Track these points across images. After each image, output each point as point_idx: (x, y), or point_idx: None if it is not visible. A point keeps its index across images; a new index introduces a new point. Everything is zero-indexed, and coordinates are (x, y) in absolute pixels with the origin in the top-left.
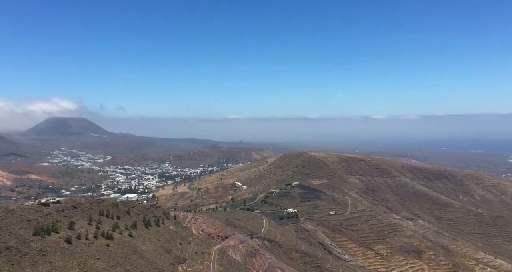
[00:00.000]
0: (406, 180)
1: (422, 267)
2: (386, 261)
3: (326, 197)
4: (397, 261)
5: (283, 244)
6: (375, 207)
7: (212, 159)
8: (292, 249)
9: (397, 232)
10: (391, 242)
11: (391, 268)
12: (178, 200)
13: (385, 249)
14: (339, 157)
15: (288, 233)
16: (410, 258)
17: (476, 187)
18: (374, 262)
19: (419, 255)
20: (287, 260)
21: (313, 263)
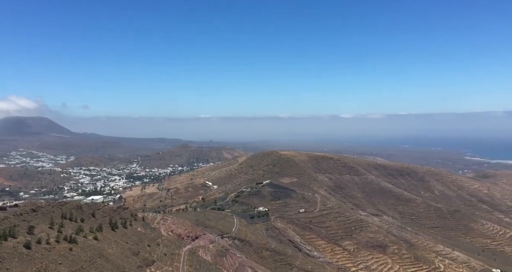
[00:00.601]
0: (372, 177)
1: (386, 261)
2: (353, 257)
3: (296, 195)
4: (363, 256)
5: (253, 243)
6: (343, 204)
7: (182, 159)
8: (263, 247)
9: (363, 228)
10: (358, 238)
11: (357, 263)
12: (147, 201)
13: (352, 244)
14: (309, 156)
15: (259, 231)
16: (376, 253)
17: (436, 183)
18: (341, 258)
19: (383, 250)
20: (258, 259)
21: (283, 261)
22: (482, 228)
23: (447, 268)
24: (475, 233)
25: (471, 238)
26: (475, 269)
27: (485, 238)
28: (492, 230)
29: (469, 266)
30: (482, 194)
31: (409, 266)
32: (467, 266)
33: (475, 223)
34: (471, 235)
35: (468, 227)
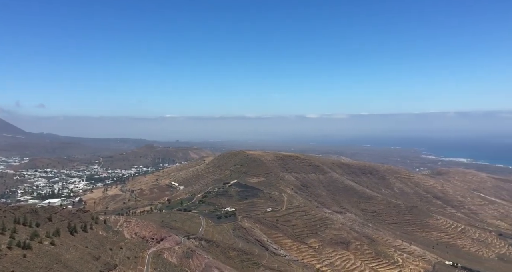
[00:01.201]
0: (336, 176)
1: (349, 257)
2: (318, 254)
3: (263, 195)
4: (327, 253)
5: (220, 243)
6: (308, 203)
7: (147, 160)
8: (230, 247)
9: (328, 225)
10: (323, 235)
11: (322, 260)
12: (109, 203)
13: (317, 242)
14: (276, 155)
15: (226, 232)
16: (339, 249)
17: (395, 181)
18: (307, 256)
19: (347, 246)
20: (225, 259)
21: (250, 260)
22: (436, 223)
23: (405, 262)
24: (430, 228)
25: (426, 233)
26: (430, 261)
27: (439, 232)
28: (445, 225)
29: (424, 259)
30: (437, 191)
31: (370, 261)
32: (423, 259)
33: (430, 218)
34: (426, 229)
35: (424, 222)
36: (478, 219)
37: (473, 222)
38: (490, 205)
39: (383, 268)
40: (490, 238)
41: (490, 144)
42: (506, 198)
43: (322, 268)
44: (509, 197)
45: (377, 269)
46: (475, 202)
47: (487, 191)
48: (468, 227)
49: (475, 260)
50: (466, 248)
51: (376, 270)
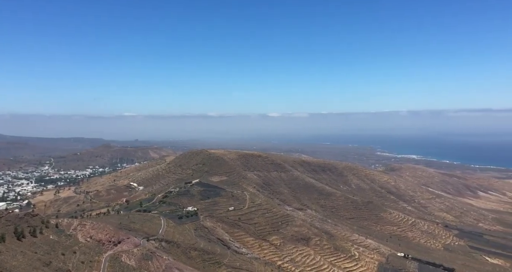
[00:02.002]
0: (297, 173)
1: (309, 253)
2: (279, 251)
3: (226, 194)
4: (288, 250)
5: (181, 243)
6: (270, 201)
7: (103, 160)
8: (191, 247)
9: (289, 222)
10: (284, 232)
11: (283, 256)
12: (61, 206)
13: (279, 239)
14: (238, 154)
15: (187, 232)
16: (300, 246)
17: (353, 177)
18: (268, 253)
19: (307, 242)
20: (186, 260)
21: (211, 260)
22: (390, 217)
23: (361, 255)
24: (384, 222)
25: (381, 226)
26: (384, 254)
27: (392, 225)
28: (398, 218)
29: (379, 252)
30: (390, 186)
31: (329, 256)
32: (377, 252)
33: (384, 213)
34: (381, 223)
35: (379, 217)
36: (426, 212)
37: (422, 215)
38: (437, 199)
39: (341, 261)
40: (437, 229)
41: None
42: (451, 192)
43: (283, 265)
44: (454, 191)
45: (335, 263)
46: (424, 196)
47: (434, 185)
48: (418, 220)
49: (424, 251)
50: (416, 240)
51: (334, 264)
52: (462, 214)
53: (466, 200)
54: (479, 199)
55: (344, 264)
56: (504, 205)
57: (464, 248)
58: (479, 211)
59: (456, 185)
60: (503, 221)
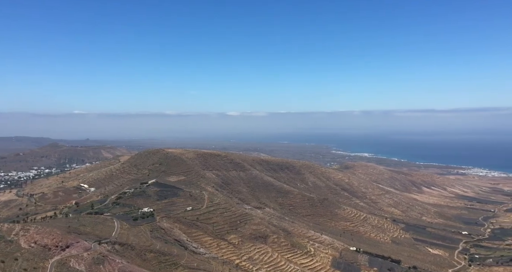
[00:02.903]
0: (256, 172)
1: (267, 250)
2: (237, 249)
3: (184, 194)
4: (246, 248)
5: (136, 246)
6: (229, 200)
7: (50, 160)
8: (147, 249)
9: (248, 221)
10: (243, 231)
11: (241, 255)
12: (1, 210)
13: (237, 238)
14: (196, 153)
15: (143, 233)
16: (258, 244)
17: (310, 175)
18: (227, 252)
19: (265, 240)
20: (141, 262)
21: (168, 261)
22: (343, 213)
23: (316, 251)
24: (338, 218)
25: (335, 222)
26: (338, 249)
27: (346, 221)
28: (351, 214)
29: (333, 247)
30: (344, 183)
31: (286, 253)
32: (331, 247)
33: (338, 209)
34: (335, 219)
35: (334, 213)
36: (377, 208)
37: (373, 210)
38: (386, 195)
39: (297, 258)
40: (386, 224)
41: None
42: (399, 188)
43: (241, 263)
44: (401, 187)
45: (292, 259)
46: (375, 193)
47: (384, 182)
48: (369, 215)
49: (374, 245)
50: (367, 234)
51: (291, 260)
52: (408, 209)
53: (411, 196)
54: (423, 194)
55: (300, 260)
56: (445, 199)
57: (409, 240)
58: (423, 206)
59: (403, 181)
60: (444, 214)
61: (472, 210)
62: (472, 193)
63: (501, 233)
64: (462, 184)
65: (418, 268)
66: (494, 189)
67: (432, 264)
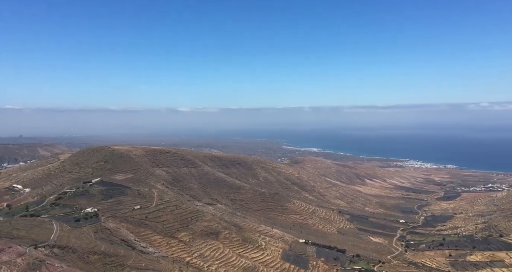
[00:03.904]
0: (208, 168)
1: (218, 246)
2: (188, 247)
3: (131, 192)
4: (197, 245)
5: (78, 248)
6: (180, 197)
7: None
8: (90, 252)
9: (199, 217)
10: (194, 228)
11: (192, 252)
12: None
13: (188, 235)
14: (145, 150)
15: (86, 235)
16: (209, 240)
17: (261, 171)
18: (177, 250)
19: (216, 236)
20: (83, 265)
21: (114, 263)
22: (293, 207)
23: (267, 245)
24: (289, 211)
25: (285, 216)
26: (288, 241)
27: (295, 214)
28: (300, 207)
29: (283, 240)
30: (294, 178)
31: (237, 248)
32: (282, 240)
33: (289, 203)
34: (286, 213)
35: (284, 207)
36: (324, 200)
37: (321, 203)
38: (333, 188)
39: (249, 252)
40: (333, 215)
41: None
42: (345, 181)
43: (192, 260)
44: (346, 180)
45: (243, 254)
46: (323, 186)
47: (331, 175)
48: (317, 208)
49: (322, 236)
50: (315, 226)
51: (242, 255)
52: (353, 200)
53: (356, 188)
54: (366, 186)
55: (252, 254)
56: (385, 190)
57: (353, 230)
58: (366, 197)
59: (348, 174)
60: (384, 204)
61: (408, 199)
62: (409, 183)
63: (433, 220)
64: (400, 176)
65: (361, 256)
66: (427, 179)
67: (374, 252)
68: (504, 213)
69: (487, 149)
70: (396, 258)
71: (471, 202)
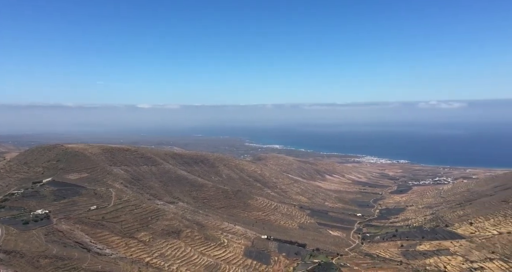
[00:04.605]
0: (169, 166)
1: (180, 245)
2: (148, 247)
3: (87, 192)
4: (158, 245)
5: (27, 252)
6: (140, 196)
7: None
8: (40, 255)
9: (160, 217)
10: (154, 227)
11: (152, 252)
12: None
13: (148, 235)
14: (102, 148)
15: (35, 238)
16: (170, 239)
17: (224, 168)
18: (136, 250)
19: (178, 235)
20: (33, 270)
21: (67, 266)
22: (256, 203)
23: (229, 242)
24: (251, 208)
25: (248, 213)
26: (250, 238)
27: (258, 211)
28: (263, 204)
29: (246, 237)
30: (257, 175)
31: (199, 246)
32: (244, 237)
33: (251, 200)
34: (248, 210)
35: (247, 204)
36: (286, 196)
37: (283, 199)
38: (295, 184)
39: (211, 250)
40: (294, 211)
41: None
42: (305, 177)
43: (152, 261)
44: (307, 176)
45: (205, 252)
46: (285, 182)
47: (293, 172)
48: (279, 204)
49: (283, 231)
50: (278, 222)
51: (204, 253)
52: (313, 196)
53: (316, 183)
54: (325, 181)
55: (214, 252)
56: (343, 185)
57: (314, 225)
58: (326, 192)
59: (309, 170)
60: (342, 199)
61: (365, 193)
62: (365, 178)
63: (387, 213)
64: (357, 171)
65: (321, 250)
66: (382, 174)
67: (333, 245)
68: (449, 204)
69: (435, 145)
70: (353, 250)
71: (421, 195)
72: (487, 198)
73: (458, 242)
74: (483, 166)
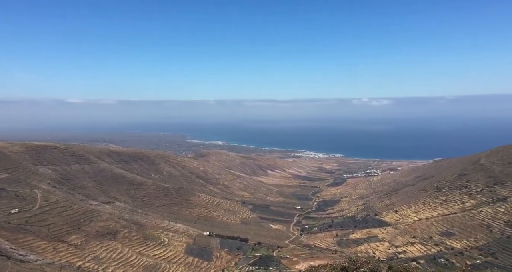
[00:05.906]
0: (104, 164)
1: (116, 247)
2: (80, 250)
3: (7, 194)
4: (91, 247)
5: None
6: (70, 197)
7: None
8: None
9: (93, 218)
10: (87, 229)
11: (85, 256)
12: None
13: (80, 238)
14: (25, 146)
15: None
16: (106, 241)
17: (165, 165)
18: (66, 255)
19: (114, 236)
20: None
21: None
22: (198, 200)
23: (170, 240)
24: (193, 205)
25: (190, 210)
26: (192, 235)
27: (200, 207)
28: (205, 200)
29: (187, 234)
30: (199, 171)
31: (138, 247)
32: (186, 235)
33: (193, 197)
34: (190, 207)
35: (189, 201)
36: (229, 192)
37: (226, 195)
38: (237, 179)
39: (150, 250)
40: (237, 206)
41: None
42: (248, 172)
43: (84, 265)
44: (250, 171)
45: (144, 252)
46: (227, 178)
47: (236, 168)
48: (222, 200)
49: (226, 227)
50: (220, 218)
51: (143, 253)
52: (255, 191)
53: (259, 178)
54: (267, 176)
55: (153, 251)
56: (284, 179)
57: (256, 219)
58: (268, 187)
59: (251, 166)
60: (283, 193)
61: (304, 187)
62: (304, 172)
63: (324, 205)
64: (297, 166)
65: (262, 243)
66: (319, 168)
67: (274, 238)
68: (378, 194)
69: (366, 139)
70: (292, 242)
71: (354, 187)
72: (409, 188)
73: (385, 229)
74: (407, 158)
